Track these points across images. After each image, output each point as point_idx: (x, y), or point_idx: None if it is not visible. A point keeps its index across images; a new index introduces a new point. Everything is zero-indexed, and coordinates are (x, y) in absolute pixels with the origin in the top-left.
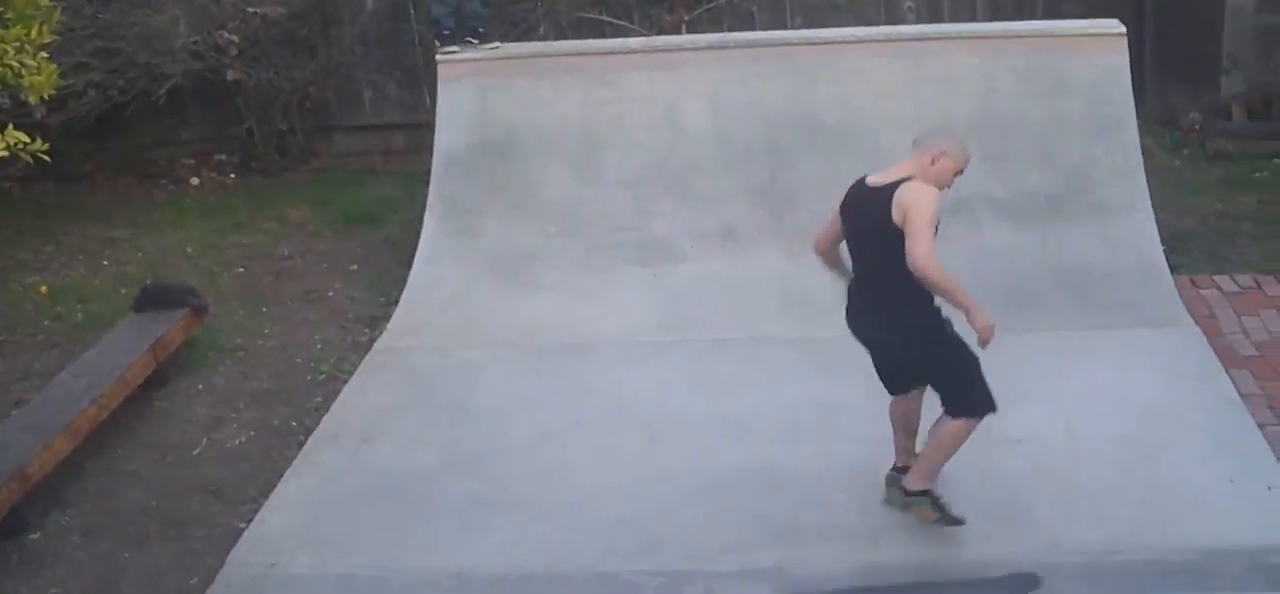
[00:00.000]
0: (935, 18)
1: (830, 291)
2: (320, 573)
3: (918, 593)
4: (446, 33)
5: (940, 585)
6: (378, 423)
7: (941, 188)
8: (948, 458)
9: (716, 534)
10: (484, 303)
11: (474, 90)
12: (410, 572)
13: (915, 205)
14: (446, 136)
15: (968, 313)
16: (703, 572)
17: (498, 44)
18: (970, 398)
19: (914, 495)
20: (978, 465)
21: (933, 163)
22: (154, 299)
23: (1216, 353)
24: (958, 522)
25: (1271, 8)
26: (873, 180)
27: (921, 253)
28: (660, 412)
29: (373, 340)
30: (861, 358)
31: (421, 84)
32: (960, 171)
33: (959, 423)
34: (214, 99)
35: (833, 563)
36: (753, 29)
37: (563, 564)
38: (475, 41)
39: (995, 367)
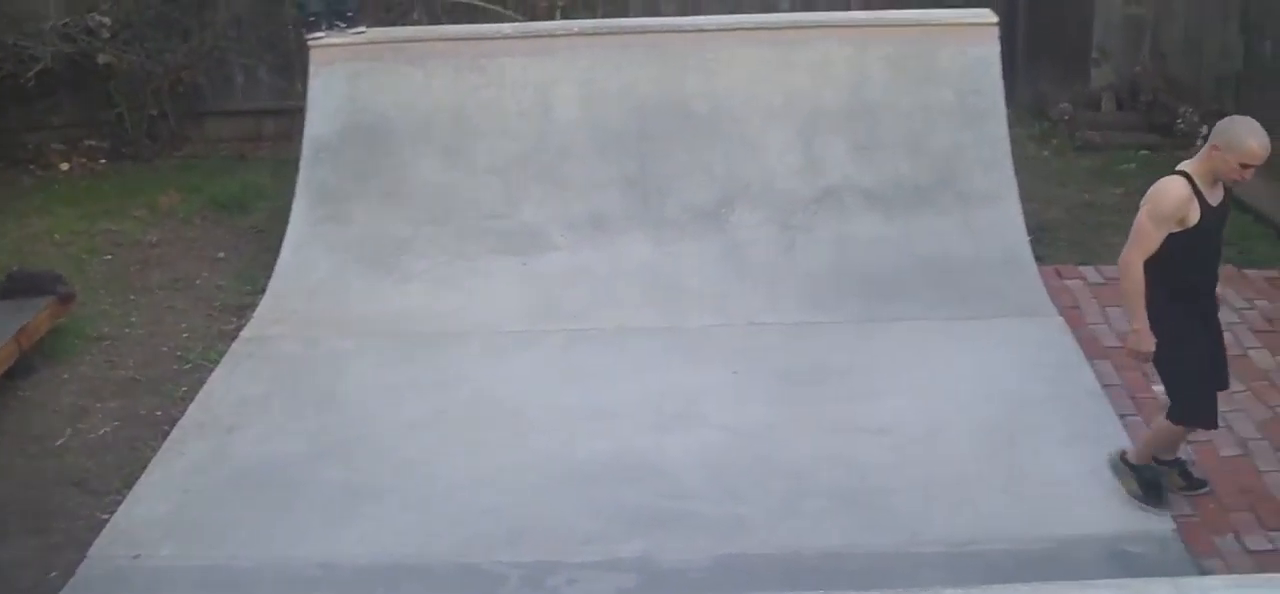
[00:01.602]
0: (809, 6)
1: (697, 281)
2: (185, 564)
3: (781, 583)
4: (312, 17)
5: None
6: (244, 412)
7: (1218, 182)
8: (1152, 451)
9: (580, 524)
10: (352, 291)
11: (345, 76)
12: (276, 562)
13: (1146, 202)
14: (317, 123)
15: (1136, 330)
16: (566, 562)
17: (364, 28)
18: (1181, 406)
19: (1125, 467)
20: (840, 454)
21: (1211, 153)
22: (19, 286)
23: (1079, 343)
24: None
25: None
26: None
27: (1122, 254)
28: (527, 401)
29: (240, 329)
30: (727, 349)
31: (294, 69)
32: (1247, 166)
33: (1166, 425)
34: (85, 83)
35: (696, 552)
36: (626, 16)
37: (427, 554)
38: (343, 26)
39: (860, 357)
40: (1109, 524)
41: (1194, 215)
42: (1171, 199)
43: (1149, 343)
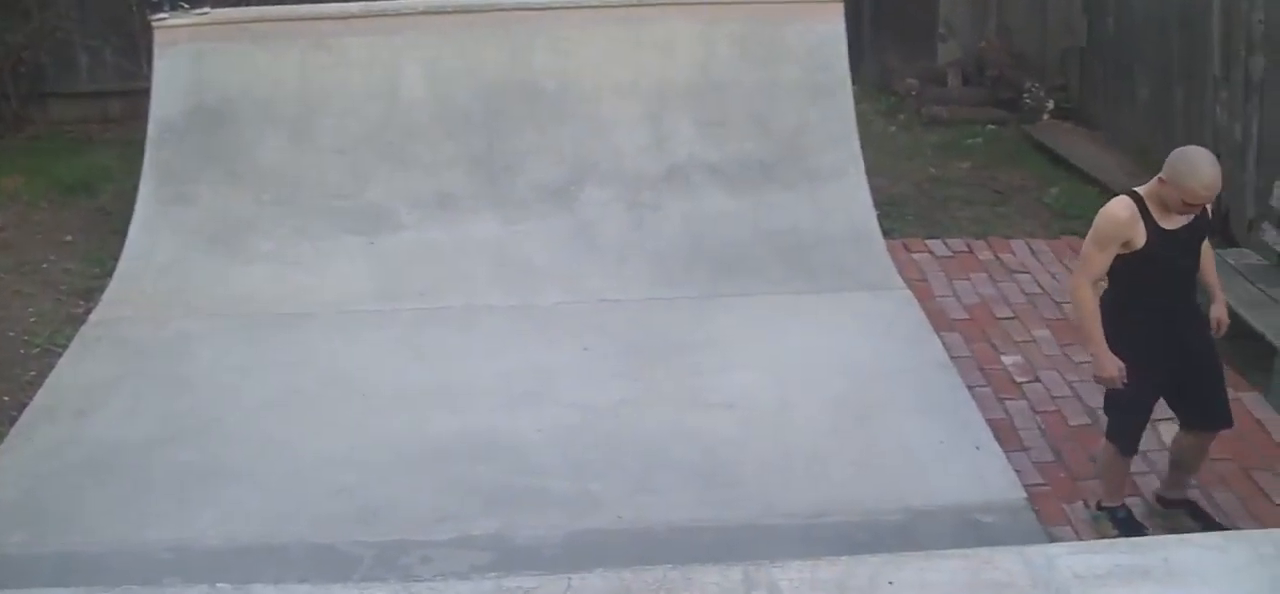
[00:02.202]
0: None
1: (546, 259)
2: (37, 551)
3: (635, 558)
4: None
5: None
6: (93, 396)
7: (1170, 211)
8: (1103, 477)
9: (433, 502)
10: (199, 272)
11: (191, 56)
12: (129, 546)
13: (1094, 224)
14: (162, 103)
15: (1093, 355)
16: (420, 541)
17: (208, 8)
18: (1109, 424)
19: (1100, 511)
20: (692, 429)
21: (1159, 183)
22: None
23: (928, 316)
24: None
25: None
26: None
27: (1072, 276)
28: (377, 380)
29: (88, 312)
30: (577, 326)
31: (139, 50)
32: (1188, 204)
33: (1104, 444)
34: None
35: (550, 529)
36: None
37: (281, 535)
38: (187, 6)
39: (709, 332)
40: (960, 495)
41: (1140, 238)
42: (1110, 221)
43: (1107, 367)
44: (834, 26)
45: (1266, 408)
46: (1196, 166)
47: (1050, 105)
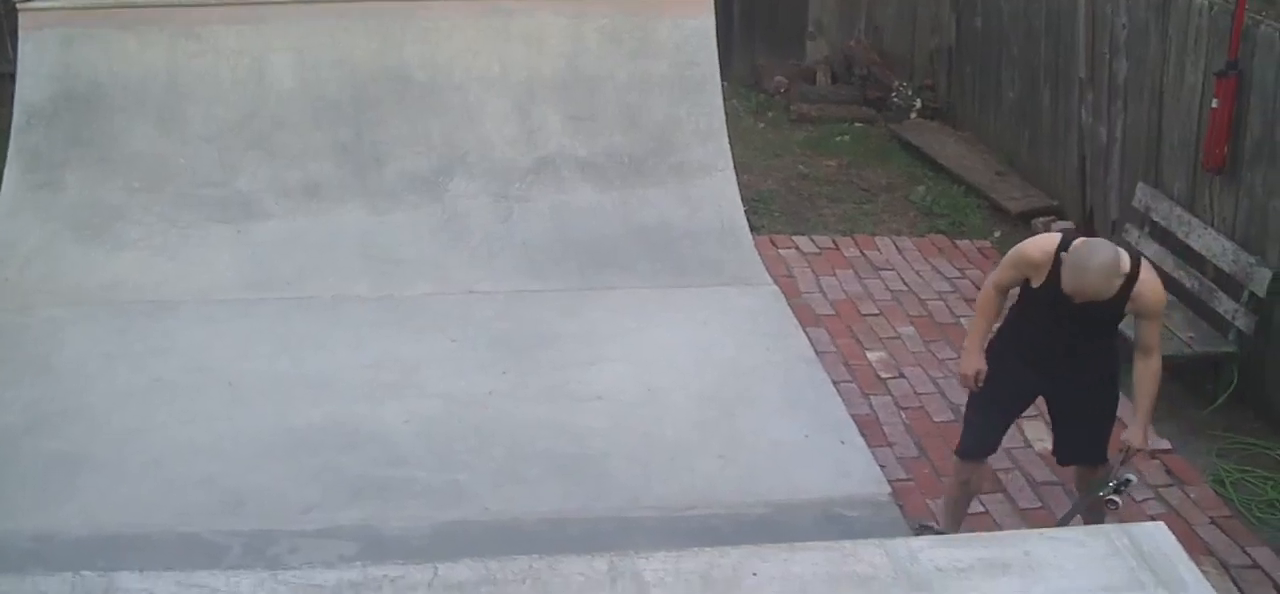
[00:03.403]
0: None
1: (414, 250)
2: None
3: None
4: None
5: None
6: None
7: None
8: (945, 496)
9: (300, 492)
10: (67, 259)
11: (57, 40)
12: None
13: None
14: (28, 88)
15: (964, 348)
16: (287, 531)
17: None
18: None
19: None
20: (559, 421)
21: None
22: None
23: (794, 311)
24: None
25: None
26: None
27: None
28: (242, 369)
29: None
30: (444, 317)
31: (4, 33)
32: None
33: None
34: None
35: (416, 519)
36: None
37: (146, 525)
38: None
39: (578, 325)
40: (824, 488)
41: (1037, 280)
42: (1020, 252)
43: (965, 365)
44: (703, 22)
45: (1126, 405)
46: (1074, 265)
47: (918, 104)
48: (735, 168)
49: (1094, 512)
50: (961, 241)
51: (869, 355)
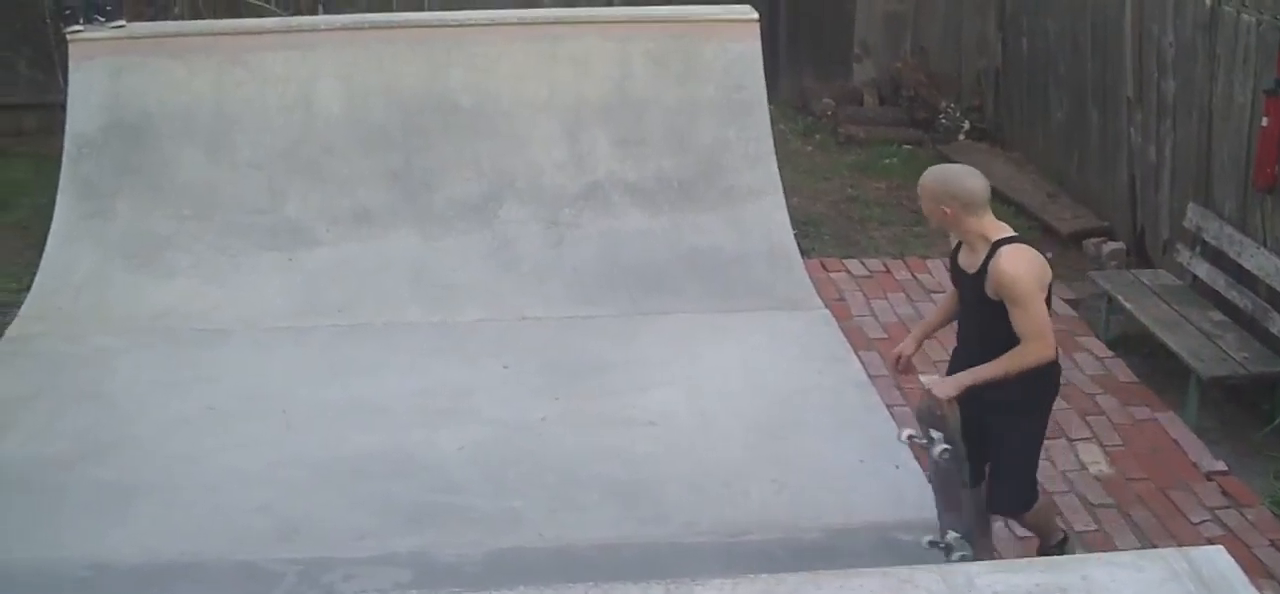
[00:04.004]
0: (571, 2)
1: (465, 276)
2: None
3: (556, 576)
4: (68, 11)
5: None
6: (9, 412)
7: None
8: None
9: (354, 520)
10: (117, 288)
11: (107, 70)
12: (46, 564)
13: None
14: (79, 118)
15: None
16: (341, 558)
17: (123, 22)
18: None
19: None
20: (612, 447)
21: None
22: None
23: (846, 335)
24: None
25: None
26: None
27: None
28: (295, 397)
29: (3, 328)
30: (497, 343)
31: (54, 63)
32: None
33: None
34: None
35: (471, 547)
36: (390, 10)
37: (201, 553)
38: (102, 20)
39: (629, 351)
40: (879, 513)
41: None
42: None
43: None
44: (750, 46)
45: (1182, 427)
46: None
47: (966, 126)
48: (784, 191)
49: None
50: None
51: (922, 379)
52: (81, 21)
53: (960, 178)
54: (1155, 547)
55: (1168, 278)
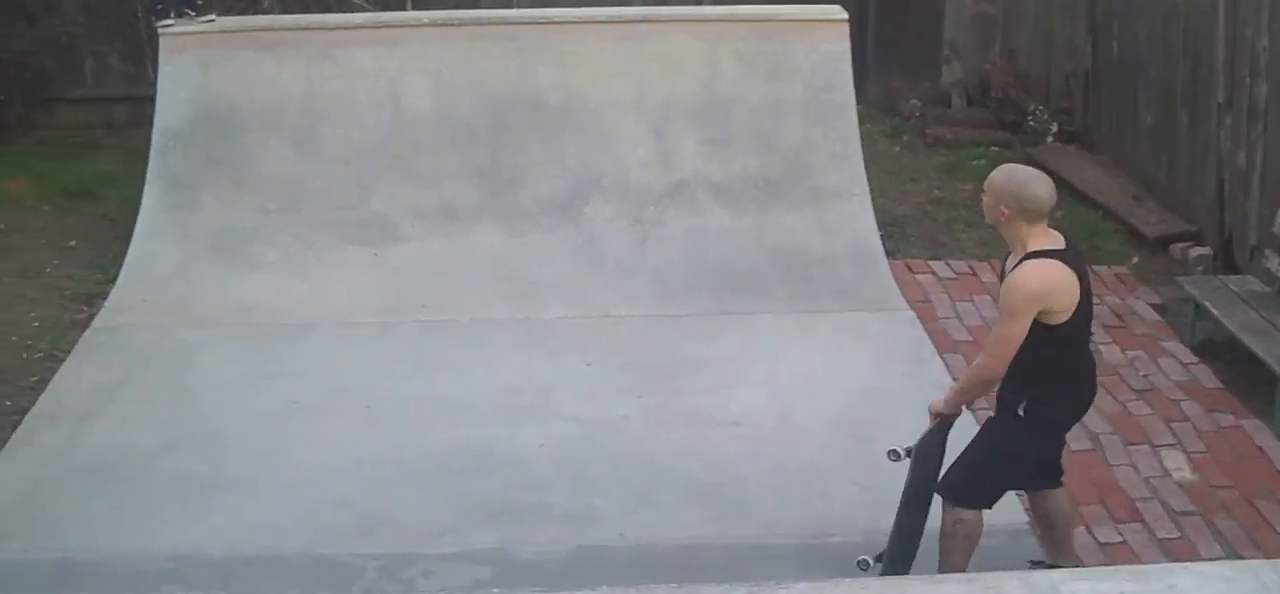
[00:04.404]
0: (660, 0)
1: (550, 273)
2: (34, 557)
3: (636, 575)
4: (160, 5)
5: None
6: (94, 402)
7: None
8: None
9: (434, 515)
10: (203, 281)
11: (197, 64)
12: (128, 555)
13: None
14: (168, 111)
15: None
16: (422, 554)
17: (214, 17)
18: None
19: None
20: (694, 447)
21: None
22: None
23: (930, 337)
24: None
25: None
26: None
27: None
28: (378, 392)
29: (91, 318)
30: (580, 340)
31: (145, 56)
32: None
33: None
34: None
35: (551, 544)
36: (478, 6)
37: (281, 546)
38: (192, 13)
39: (713, 350)
40: None
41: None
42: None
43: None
44: (839, 46)
45: (1268, 435)
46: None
47: (1054, 128)
48: (870, 192)
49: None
50: (1099, 268)
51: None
52: (173, 16)
53: (1028, 182)
54: (1241, 557)
55: (1255, 284)
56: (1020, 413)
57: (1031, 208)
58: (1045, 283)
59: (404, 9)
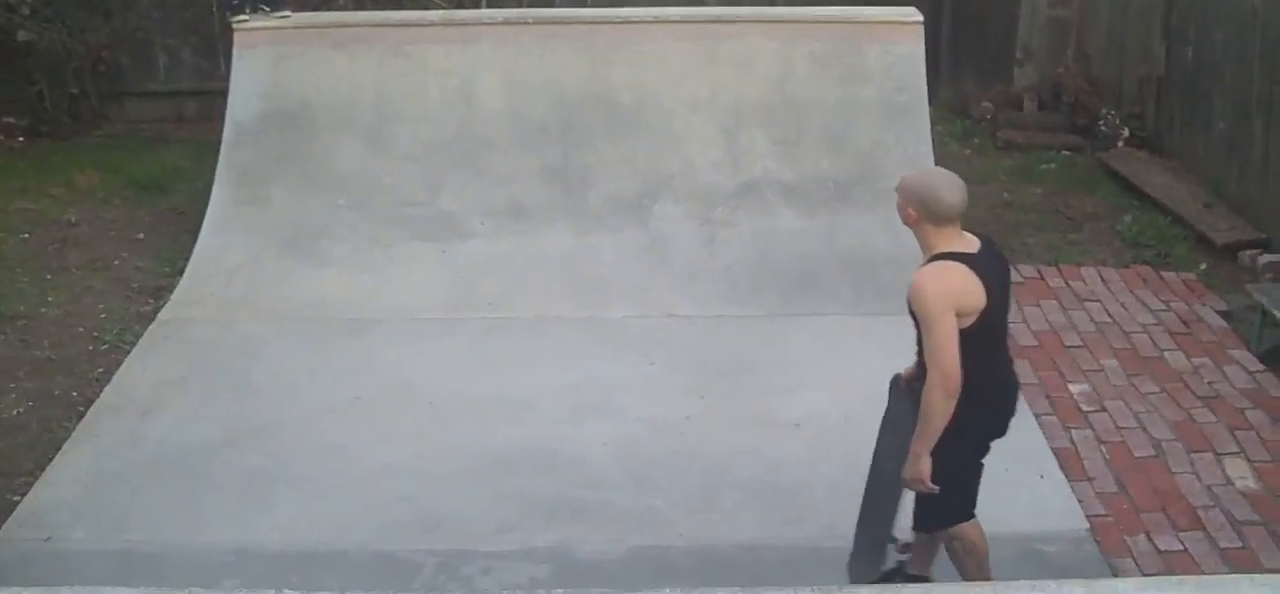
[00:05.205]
0: (735, 0)
1: (617, 272)
2: (96, 548)
3: (696, 576)
4: (234, 1)
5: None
6: (160, 395)
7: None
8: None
9: (495, 513)
10: (270, 275)
11: (269, 59)
12: (190, 548)
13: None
14: (239, 105)
15: None
16: (481, 551)
17: (288, 12)
18: None
19: None
20: (757, 448)
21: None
22: None
23: None
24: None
25: (1063, 2)
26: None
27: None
28: (442, 389)
29: (157, 311)
30: (645, 340)
31: (217, 51)
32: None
33: None
34: (3, 59)
35: (611, 543)
36: (552, 5)
37: (342, 541)
38: (268, 9)
39: (778, 351)
40: (1024, 524)
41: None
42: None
43: None
44: (912, 47)
45: None
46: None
47: (1125, 133)
48: None
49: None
50: (1167, 273)
51: (1071, 388)
52: (248, 10)
53: (935, 184)
54: None
55: None
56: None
57: (936, 211)
58: (941, 288)
59: (478, 6)
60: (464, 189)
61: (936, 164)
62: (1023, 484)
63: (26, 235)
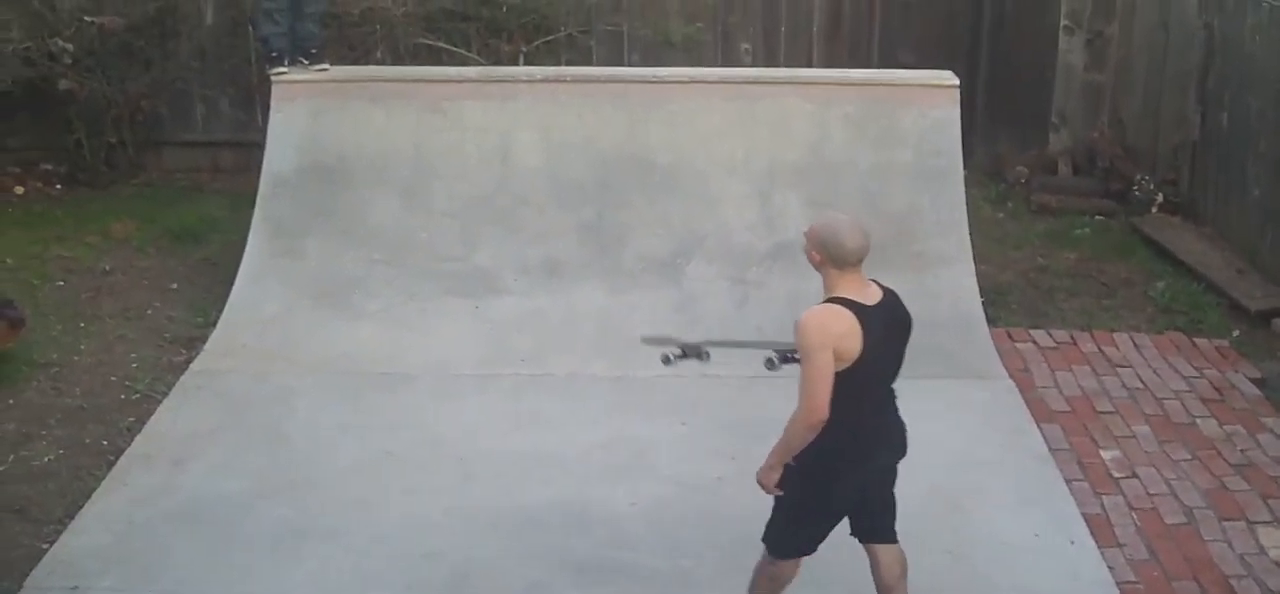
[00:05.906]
0: (772, 61)
1: (650, 330)
2: None
3: None
4: (274, 53)
5: None
6: (190, 446)
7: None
8: None
9: (525, 571)
10: (303, 328)
11: (307, 112)
12: None
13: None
14: (276, 158)
15: None
16: None
17: (327, 66)
18: None
19: None
20: None
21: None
22: None
23: (1029, 407)
24: None
25: (1099, 67)
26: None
27: None
28: (473, 446)
29: (190, 361)
30: (678, 399)
31: (255, 102)
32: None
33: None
34: (44, 107)
35: None
36: (590, 63)
37: None
38: (306, 63)
39: None
40: (1053, 589)
41: None
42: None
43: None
44: (949, 111)
45: None
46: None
47: (1160, 198)
48: (973, 258)
49: None
50: (1200, 340)
51: (1103, 454)
52: (287, 63)
53: (838, 231)
54: None
55: None
56: (791, 461)
57: (838, 256)
58: (833, 320)
59: (517, 63)
60: (499, 246)
61: (970, 228)
62: (1054, 551)
63: (62, 283)
